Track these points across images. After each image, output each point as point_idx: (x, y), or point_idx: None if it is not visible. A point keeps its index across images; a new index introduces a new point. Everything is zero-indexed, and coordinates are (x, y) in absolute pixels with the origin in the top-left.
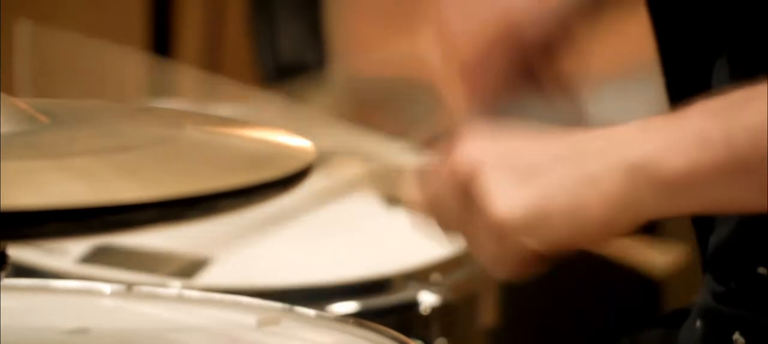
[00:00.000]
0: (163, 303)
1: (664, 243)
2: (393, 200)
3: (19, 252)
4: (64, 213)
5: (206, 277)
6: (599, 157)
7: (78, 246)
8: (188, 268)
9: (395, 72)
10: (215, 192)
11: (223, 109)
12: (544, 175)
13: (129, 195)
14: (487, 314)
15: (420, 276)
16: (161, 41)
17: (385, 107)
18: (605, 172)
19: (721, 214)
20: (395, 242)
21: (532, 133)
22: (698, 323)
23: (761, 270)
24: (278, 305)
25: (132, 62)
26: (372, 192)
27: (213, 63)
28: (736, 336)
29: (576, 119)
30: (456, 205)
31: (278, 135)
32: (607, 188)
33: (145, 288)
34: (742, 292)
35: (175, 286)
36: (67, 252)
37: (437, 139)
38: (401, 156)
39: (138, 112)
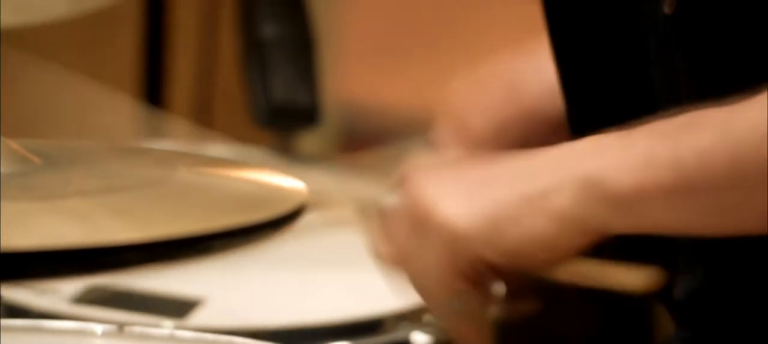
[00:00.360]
0: None
1: (636, 266)
2: None
3: (11, 293)
4: (56, 254)
5: (198, 317)
6: (548, 171)
7: (70, 287)
8: (181, 308)
9: (389, 112)
10: (207, 234)
11: (215, 150)
12: (493, 187)
13: (121, 236)
14: None
15: (412, 317)
16: (153, 83)
17: (380, 147)
18: (554, 185)
19: (668, 236)
20: (387, 281)
21: (478, 158)
22: None
23: (728, 318)
24: None
25: (124, 104)
26: (364, 231)
27: (205, 105)
28: None
29: None
30: (409, 233)
31: (270, 176)
32: (556, 201)
33: (136, 329)
34: (708, 340)
35: (167, 326)
36: (59, 293)
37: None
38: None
39: (130, 153)
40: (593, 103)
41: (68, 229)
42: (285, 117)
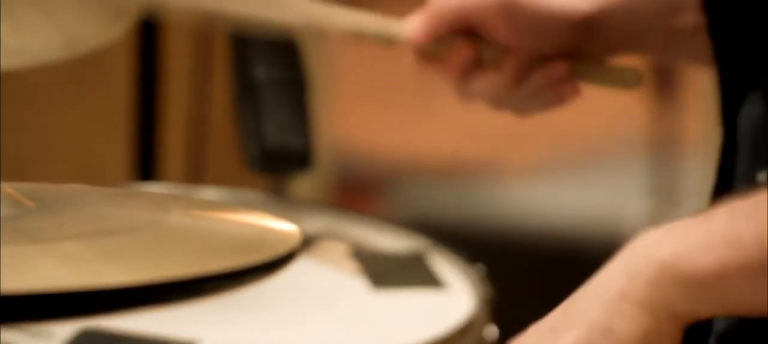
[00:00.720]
0: None
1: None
2: (379, 281)
3: (5, 336)
4: (50, 298)
5: None
6: (622, 266)
7: (64, 330)
8: None
9: (383, 155)
10: (200, 277)
11: (208, 194)
12: (572, 319)
13: (115, 279)
14: None
15: None
16: (146, 126)
17: (374, 189)
18: (630, 277)
19: (750, 316)
20: (381, 324)
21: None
22: None
23: None
24: None
25: (118, 147)
26: (358, 273)
27: (198, 148)
28: None
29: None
30: None
31: (263, 219)
32: (634, 293)
33: None
34: None
35: None
36: (52, 336)
37: None
38: (388, 240)
39: (123, 196)
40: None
41: (62, 273)
42: (278, 160)
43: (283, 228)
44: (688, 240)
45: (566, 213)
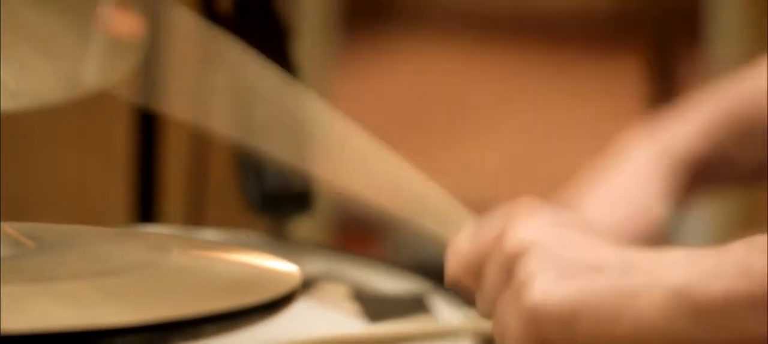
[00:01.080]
0: None
1: None
2: (379, 323)
3: None
4: (49, 337)
5: None
6: (643, 274)
7: None
8: None
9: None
10: (200, 317)
11: (209, 235)
12: (586, 276)
13: (114, 319)
14: None
15: None
16: (147, 167)
17: (374, 231)
18: (644, 290)
19: None
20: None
21: (587, 230)
22: None
23: None
24: None
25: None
26: (358, 315)
27: (198, 189)
28: None
29: None
30: (495, 276)
31: (263, 260)
32: (642, 306)
33: None
34: None
35: None
36: None
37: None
38: (388, 282)
39: (123, 237)
40: None
41: (61, 312)
42: (278, 202)
43: (283, 269)
44: (700, 267)
45: None
